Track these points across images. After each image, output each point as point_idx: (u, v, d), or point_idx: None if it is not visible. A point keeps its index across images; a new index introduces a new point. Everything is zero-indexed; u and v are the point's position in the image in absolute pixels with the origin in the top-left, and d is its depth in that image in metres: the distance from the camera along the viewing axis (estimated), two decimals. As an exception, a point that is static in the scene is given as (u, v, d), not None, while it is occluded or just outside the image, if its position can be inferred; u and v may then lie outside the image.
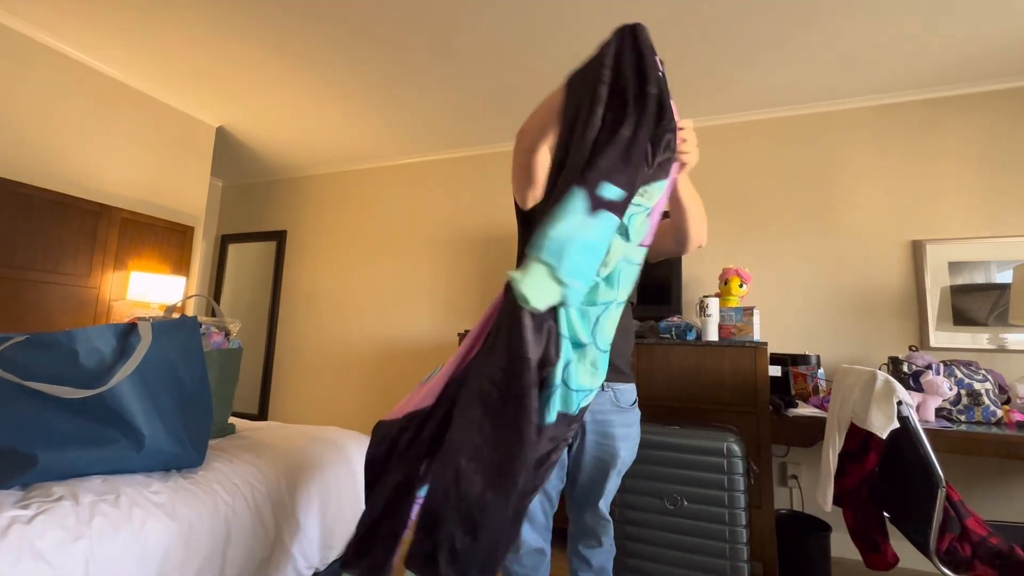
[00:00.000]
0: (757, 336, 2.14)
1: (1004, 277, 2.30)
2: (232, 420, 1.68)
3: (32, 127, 2.42)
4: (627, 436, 1.31)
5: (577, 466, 1.31)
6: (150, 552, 0.92)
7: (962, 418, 1.85)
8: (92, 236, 2.60)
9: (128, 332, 1.08)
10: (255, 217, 4.35)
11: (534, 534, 1.28)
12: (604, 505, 1.31)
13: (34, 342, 0.98)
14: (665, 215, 1.04)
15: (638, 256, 0.87)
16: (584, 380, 0.79)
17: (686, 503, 1.63)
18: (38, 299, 2.37)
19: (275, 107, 3.05)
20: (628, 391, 1.33)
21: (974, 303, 2.34)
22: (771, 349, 2.50)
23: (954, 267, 2.38)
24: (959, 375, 1.89)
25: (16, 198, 2.30)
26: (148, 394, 1.06)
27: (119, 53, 2.57)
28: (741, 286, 2.31)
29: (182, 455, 1.13)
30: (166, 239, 2.97)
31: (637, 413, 1.35)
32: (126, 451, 1.04)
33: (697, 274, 2.77)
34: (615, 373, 1.32)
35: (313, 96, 2.89)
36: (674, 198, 1.11)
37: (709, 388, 2.11)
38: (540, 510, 1.29)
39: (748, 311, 2.16)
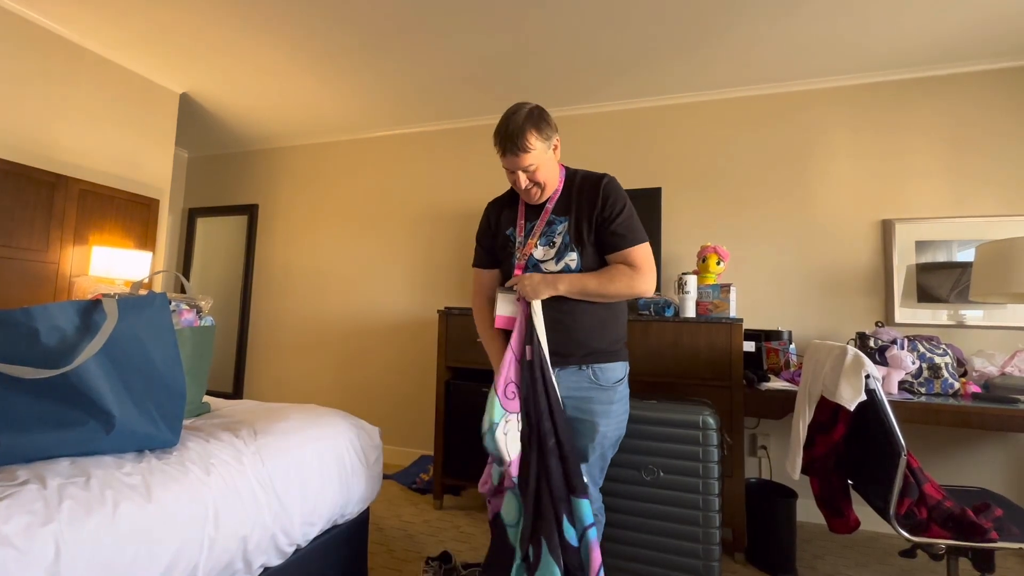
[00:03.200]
0: (733, 313, 2.18)
1: (966, 256, 2.39)
2: (206, 399, 1.64)
3: (-25, 89, 2.24)
4: (607, 412, 1.33)
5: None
6: (125, 536, 0.90)
7: (923, 390, 1.94)
8: (48, 208, 2.46)
9: (92, 309, 1.03)
10: (225, 190, 4.19)
11: None
12: (586, 477, 1.34)
13: (-11, 320, 0.93)
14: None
15: None
16: None
17: (662, 474, 1.68)
18: (-9, 275, 2.25)
19: (243, 73, 2.90)
20: (611, 370, 1.35)
21: (937, 280, 2.43)
22: (745, 325, 2.56)
23: (920, 246, 2.46)
24: (921, 350, 1.97)
25: (-39, 166, 2.15)
26: (116, 373, 1.02)
27: (73, 11, 2.38)
28: (718, 263, 2.34)
29: (155, 435, 1.10)
30: (129, 212, 2.83)
31: (621, 391, 1.37)
32: (94, 432, 1.00)
33: (676, 251, 2.80)
34: (595, 354, 1.34)
35: (284, 62, 2.75)
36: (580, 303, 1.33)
37: (686, 363, 2.16)
38: None
39: (725, 288, 2.20)
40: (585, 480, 1.35)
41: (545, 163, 1.31)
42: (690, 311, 2.22)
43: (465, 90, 2.99)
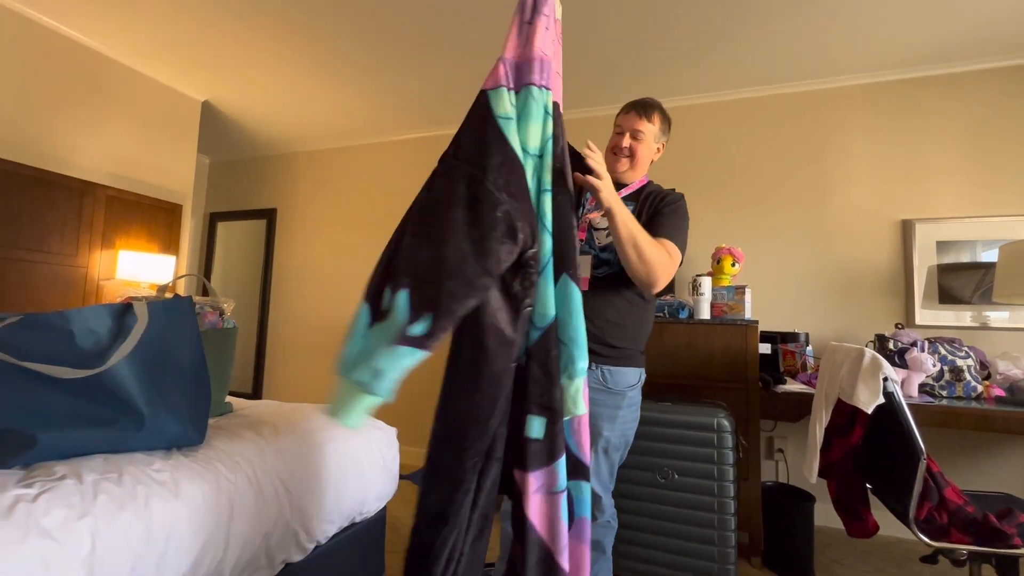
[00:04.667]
0: (748, 314, 2.17)
1: (989, 256, 2.34)
2: (229, 399, 1.68)
3: (11, 102, 2.34)
4: (611, 417, 1.32)
5: None
6: (155, 529, 0.93)
7: (944, 393, 1.91)
8: (77, 214, 2.54)
9: (123, 312, 1.07)
10: (244, 195, 4.28)
11: None
12: (593, 481, 1.34)
13: (28, 323, 0.97)
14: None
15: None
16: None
17: (677, 476, 1.68)
18: (24, 278, 2.34)
19: (262, 81, 2.97)
20: (622, 374, 1.34)
21: (959, 281, 2.39)
22: (761, 327, 2.54)
23: (941, 246, 2.42)
24: (942, 352, 1.94)
25: (-2, 175, 2.24)
26: (146, 374, 1.06)
27: (100, 24, 2.47)
28: (733, 265, 2.33)
29: (183, 434, 1.13)
30: (154, 217, 2.92)
31: (631, 397, 1.36)
32: (126, 430, 1.04)
33: (690, 252, 2.78)
34: (608, 356, 1.33)
35: (301, 70, 2.81)
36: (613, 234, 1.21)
37: (700, 365, 2.15)
38: None
39: (740, 290, 2.19)
40: (596, 490, 1.34)
41: (648, 145, 1.43)
42: (705, 313, 2.21)
43: (474, 96, 3.02)
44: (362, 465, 1.54)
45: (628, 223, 1.20)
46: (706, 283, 2.23)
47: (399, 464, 1.76)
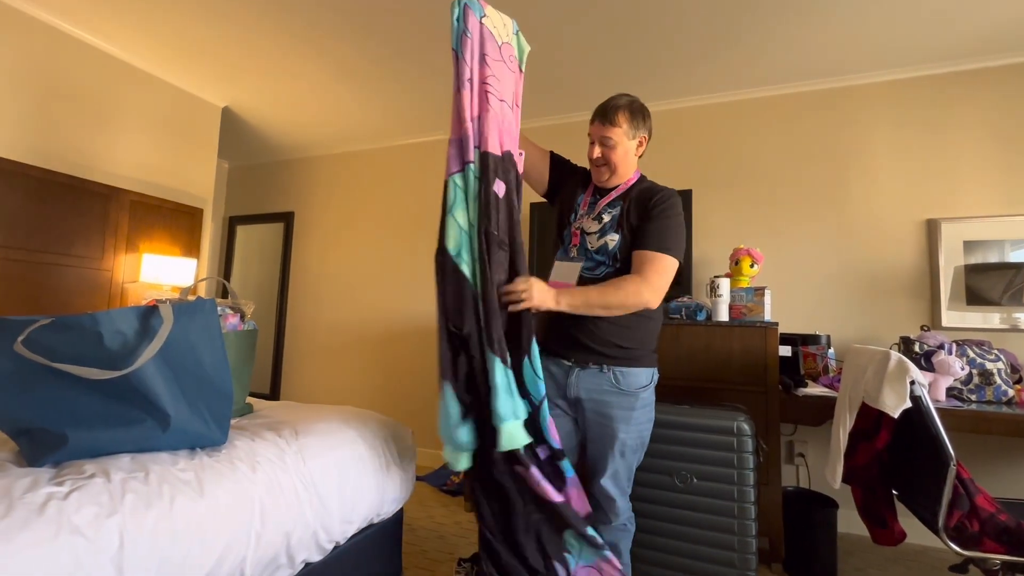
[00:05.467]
0: (768, 316, 2.14)
1: (1019, 256, 2.27)
2: (249, 400, 1.71)
3: (40, 111, 2.41)
4: (626, 419, 1.31)
5: (586, 437, 1.36)
6: (180, 528, 0.95)
7: (973, 397, 1.86)
8: (103, 219, 2.61)
9: (149, 314, 1.09)
10: (262, 198, 4.35)
11: None
12: (609, 484, 1.33)
13: (59, 325, 1.00)
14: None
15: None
16: None
17: (695, 480, 1.66)
18: (53, 281, 2.40)
19: (280, 87, 3.02)
20: (633, 375, 1.33)
21: (988, 282, 2.32)
22: (781, 329, 2.50)
23: (969, 246, 2.36)
24: (971, 355, 1.89)
25: (29, 181, 2.31)
26: (171, 375, 1.08)
27: (124, 33, 2.54)
28: (752, 266, 2.30)
29: (206, 434, 1.15)
30: (175, 221, 2.98)
31: (644, 397, 1.35)
32: (152, 430, 1.06)
33: (707, 254, 2.76)
34: (618, 357, 1.32)
35: (318, 75, 2.85)
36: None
37: (719, 368, 2.12)
38: None
39: (759, 291, 2.16)
40: (613, 492, 1.34)
41: (623, 148, 1.38)
42: (723, 315, 2.18)
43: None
44: (380, 466, 1.55)
45: (582, 304, 1.27)
46: (724, 284, 2.20)
47: (415, 466, 1.77)
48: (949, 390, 1.88)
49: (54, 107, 2.46)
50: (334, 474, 1.37)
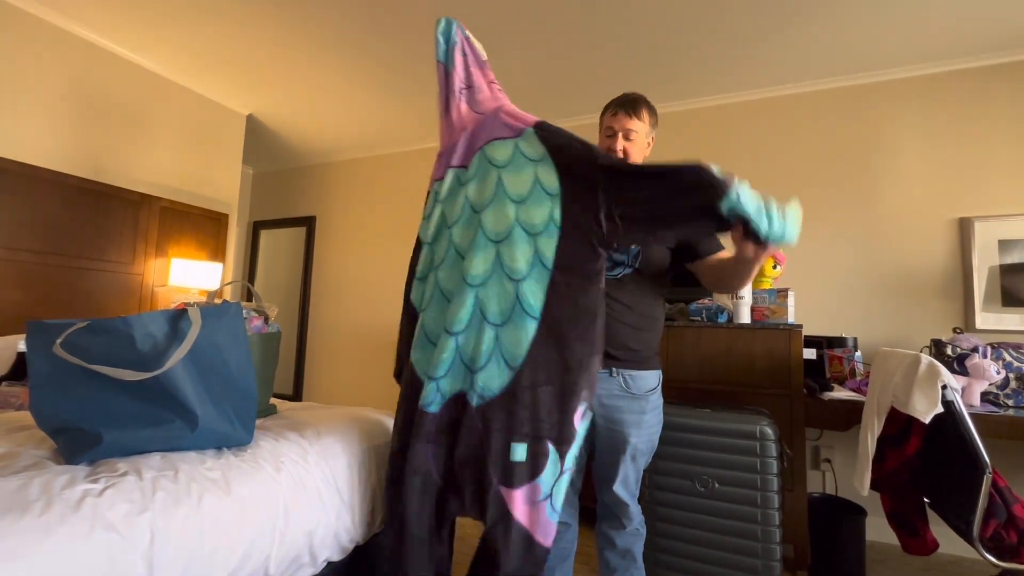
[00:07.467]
0: (792, 318, 2.09)
1: (1059, 255, 2.18)
2: (273, 401, 1.75)
3: (75, 122, 2.51)
4: (638, 423, 1.29)
5: (595, 446, 1.34)
6: (208, 525, 0.98)
7: (1010, 402, 1.79)
8: (134, 225, 2.70)
9: (179, 317, 1.13)
10: (285, 203, 4.44)
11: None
12: (621, 489, 1.32)
13: (94, 327, 1.04)
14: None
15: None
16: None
17: (717, 485, 1.63)
18: (88, 285, 2.50)
19: (302, 94, 3.08)
20: (644, 378, 1.31)
21: (1025, 283, 2.23)
22: (805, 331, 2.44)
23: (1004, 245, 2.27)
24: (1007, 358, 1.82)
25: (66, 189, 2.41)
26: (199, 376, 1.11)
27: (156, 47, 2.63)
28: (775, 267, 2.25)
29: (232, 434, 1.18)
30: (202, 226, 3.07)
31: (653, 400, 1.33)
32: (181, 430, 1.10)
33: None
34: (628, 360, 1.31)
35: (339, 81, 2.90)
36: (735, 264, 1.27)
37: (741, 371, 2.08)
38: None
39: (782, 293, 2.11)
40: (625, 497, 1.32)
41: (640, 142, 1.39)
42: (745, 317, 2.15)
43: (515, 100, 3.04)
44: (400, 467, 1.56)
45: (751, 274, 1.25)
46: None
47: (435, 467, 1.77)
48: (984, 395, 1.82)
49: (90, 119, 2.56)
50: (355, 474, 1.38)
